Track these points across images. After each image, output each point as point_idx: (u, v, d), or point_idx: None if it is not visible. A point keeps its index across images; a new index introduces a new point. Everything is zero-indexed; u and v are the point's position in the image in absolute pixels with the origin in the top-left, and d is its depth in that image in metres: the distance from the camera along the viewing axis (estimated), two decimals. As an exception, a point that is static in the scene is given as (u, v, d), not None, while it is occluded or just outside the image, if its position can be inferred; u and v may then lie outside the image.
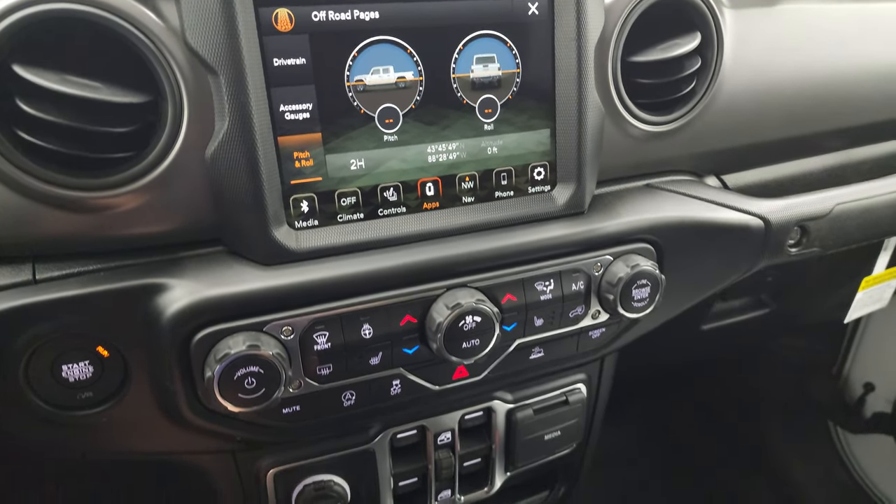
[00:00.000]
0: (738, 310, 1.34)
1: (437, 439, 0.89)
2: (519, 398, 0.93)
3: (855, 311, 1.33)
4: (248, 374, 0.64)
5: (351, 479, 0.85)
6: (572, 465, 1.07)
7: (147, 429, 0.71)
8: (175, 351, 0.65)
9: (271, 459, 0.81)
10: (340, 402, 0.74)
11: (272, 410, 0.71)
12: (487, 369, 0.81)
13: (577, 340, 0.85)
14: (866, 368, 1.85)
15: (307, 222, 0.70)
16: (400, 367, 0.75)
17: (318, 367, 0.70)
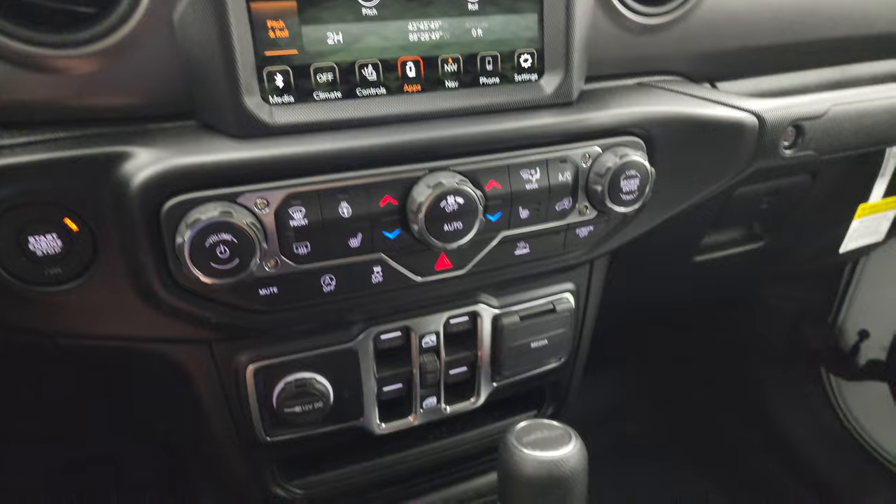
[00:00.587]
0: (731, 242, 1.32)
1: (422, 342, 0.88)
2: (505, 304, 0.91)
3: (850, 241, 1.32)
4: (220, 241, 0.62)
5: (333, 379, 0.84)
6: (560, 382, 1.06)
7: (119, 309, 0.70)
8: (144, 220, 0.63)
9: (250, 354, 0.80)
10: (320, 286, 0.72)
11: (248, 291, 0.69)
12: (471, 263, 0.79)
13: (564, 237, 0.83)
14: (861, 316, 1.83)
15: (282, 98, 0.68)
16: (381, 253, 0.73)
17: (295, 245, 0.68)
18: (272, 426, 0.84)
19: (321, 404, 0.82)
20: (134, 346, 0.77)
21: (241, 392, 0.81)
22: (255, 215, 0.65)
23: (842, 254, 1.38)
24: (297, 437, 0.86)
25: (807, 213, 1.28)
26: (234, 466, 0.90)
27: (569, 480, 0.74)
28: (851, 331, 1.84)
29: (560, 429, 0.79)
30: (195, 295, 0.68)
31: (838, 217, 1.31)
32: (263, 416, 0.83)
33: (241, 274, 0.65)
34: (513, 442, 0.77)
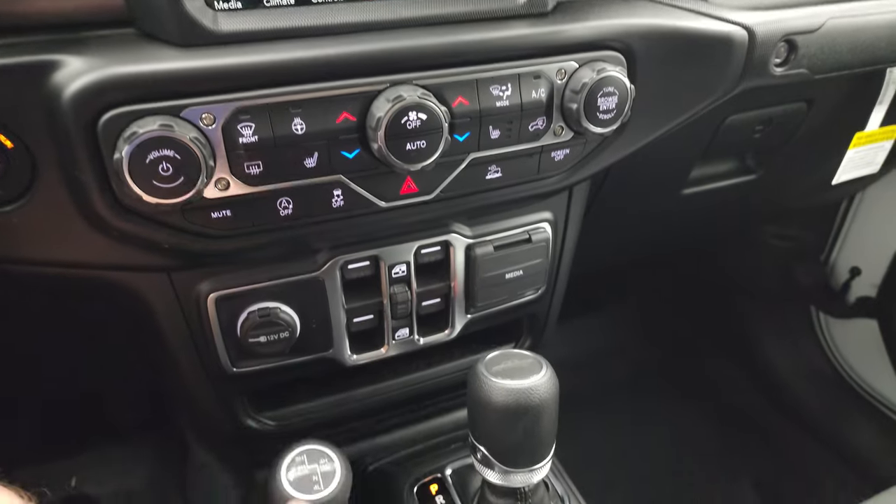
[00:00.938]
0: (722, 175, 1.27)
1: (392, 272, 0.85)
2: (479, 234, 0.87)
3: (844, 172, 1.28)
4: (162, 157, 0.58)
5: (300, 309, 0.81)
6: (538, 315, 1.04)
7: (65, 234, 0.66)
8: (81, 133, 0.59)
9: (211, 283, 0.77)
10: (276, 210, 0.69)
11: (199, 213, 0.66)
12: (439, 187, 0.75)
13: (539, 160, 0.78)
14: (853, 253, 1.81)
15: (228, 3, 0.63)
16: (340, 175, 0.69)
17: (247, 165, 0.64)
18: (238, 357, 0.82)
19: (287, 335, 0.80)
20: (89, 273, 0.74)
21: (203, 322, 0.78)
22: (200, 130, 0.61)
23: (835, 186, 1.34)
24: (264, 369, 0.84)
25: (801, 144, 1.24)
26: (203, 399, 0.89)
27: (538, 409, 0.72)
28: (843, 268, 1.82)
29: (530, 357, 0.77)
30: (142, 217, 0.65)
31: (833, 147, 1.26)
32: (228, 347, 0.81)
33: (187, 194, 0.61)
34: (482, 371, 0.75)
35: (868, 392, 1.78)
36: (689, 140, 1.07)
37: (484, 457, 0.77)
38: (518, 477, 0.76)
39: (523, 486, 0.78)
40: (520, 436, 0.73)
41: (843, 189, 1.44)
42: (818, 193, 1.45)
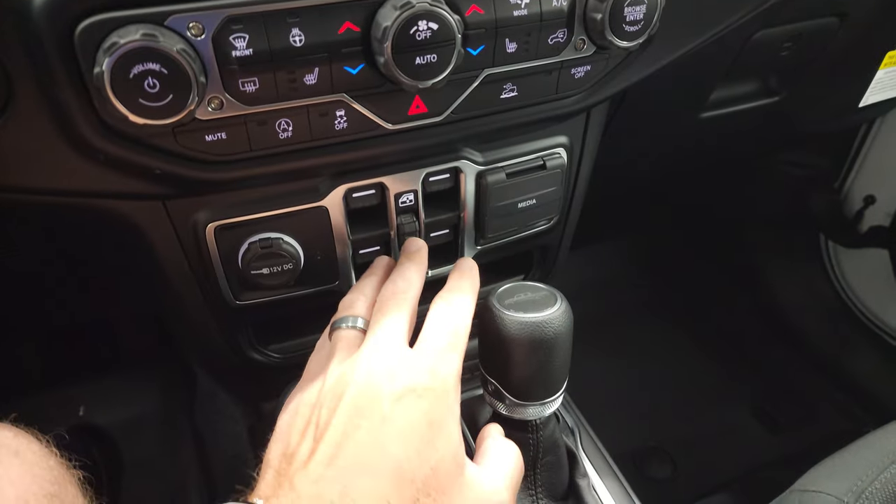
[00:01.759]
0: (744, 97, 1.21)
1: (399, 201, 0.80)
2: (490, 160, 0.82)
3: (872, 94, 1.21)
4: (147, 72, 0.53)
5: (303, 240, 0.77)
6: (549, 246, 1.00)
7: (50, 159, 0.61)
8: (56, 44, 0.53)
9: (210, 213, 0.72)
10: (275, 132, 0.63)
11: (192, 135, 0.61)
12: (451, 107, 0.70)
13: (558, 78, 0.72)
14: (868, 181, 1.76)
15: None
16: (343, 93, 0.63)
17: (241, 82, 0.58)
18: (240, 289, 0.79)
19: (290, 266, 0.76)
20: (79, 202, 0.69)
21: (202, 253, 0.74)
22: (187, 42, 0.55)
23: (861, 109, 1.27)
24: (268, 301, 0.81)
25: (828, 63, 1.17)
26: (207, 331, 0.86)
27: (552, 342, 0.70)
28: (857, 196, 1.78)
29: (545, 290, 0.74)
30: (130, 140, 0.60)
31: (863, 67, 1.19)
32: (230, 279, 0.77)
33: (178, 114, 0.56)
34: (494, 304, 0.72)
35: (874, 322, 1.77)
36: (714, 58, 1.00)
37: (496, 390, 0.75)
38: (530, 410, 0.75)
39: (535, 419, 0.77)
40: (533, 369, 0.71)
41: (868, 112, 1.37)
42: (841, 117, 1.39)
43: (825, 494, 0.89)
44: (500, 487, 0.61)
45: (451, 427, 0.59)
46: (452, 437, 0.58)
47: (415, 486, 0.54)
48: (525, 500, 0.81)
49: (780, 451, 1.68)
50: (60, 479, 0.58)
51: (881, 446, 0.95)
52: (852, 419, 1.73)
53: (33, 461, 0.57)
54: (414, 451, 0.55)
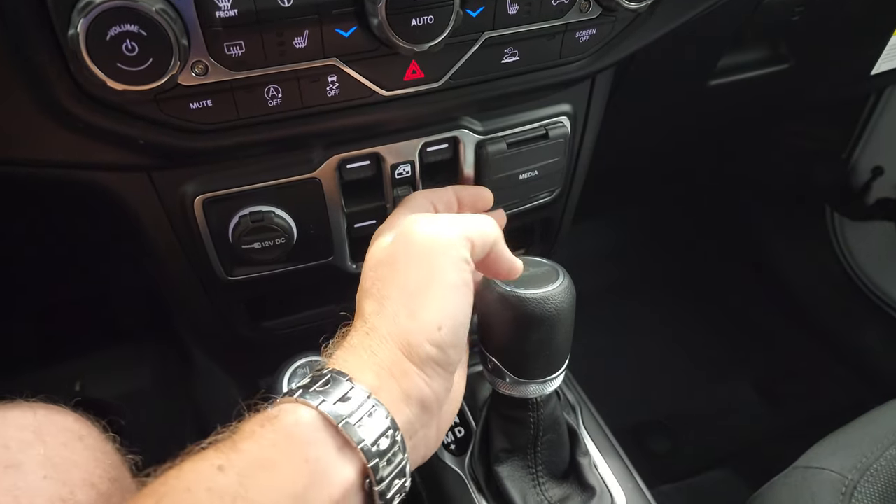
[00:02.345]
0: (753, 64, 1.17)
1: (395, 173, 0.77)
2: (491, 129, 0.79)
3: (885, 61, 1.17)
4: (125, 34, 0.49)
5: (296, 213, 0.74)
6: (551, 219, 0.97)
7: (28, 128, 0.58)
8: (28, 5, 0.49)
9: (197, 184, 0.69)
10: (263, 99, 0.60)
11: (176, 103, 0.58)
12: (449, 73, 0.66)
13: (562, 42, 0.69)
14: (877, 152, 1.72)
15: None
16: (335, 58, 0.60)
17: (227, 45, 0.55)
18: (232, 264, 0.76)
19: (283, 240, 0.73)
20: (62, 174, 0.66)
21: (191, 227, 0.72)
22: (168, 1, 0.51)
23: (872, 77, 1.23)
24: (261, 276, 0.79)
25: (840, 29, 1.12)
26: (199, 307, 0.84)
27: (554, 319, 0.67)
28: (865, 168, 1.74)
29: (547, 265, 0.71)
30: (111, 107, 0.57)
31: (875, 33, 1.15)
32: (221, 254, 0.75)
33: (159, 80, 0.52)
34: (494, 280, 0.69)
35: (879, 296, 1.75)
36: (723, 22, 0.96)
37: (495, 367, 0.73)
38: (531, 388, 0.73)
39: (536, 397, 0.75)
40: (534, 347, 0.69)
41: (880, 80, 1.33)
42: (852, 85, 1.35)
43: (829, 471, 0.88)
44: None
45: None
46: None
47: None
48: (525, 478, 0.79)
49: (781, 426, 1.68)
50: (119, 464, 0.60)
51: (886, 423, 0.94)
52: (855, 394, 1.72)
53: (95, 446, 0.59)
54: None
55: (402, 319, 0.53)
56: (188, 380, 1.53)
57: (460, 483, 0.82)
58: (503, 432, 0.78)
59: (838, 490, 0.85)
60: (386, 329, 0.53)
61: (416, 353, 0.52)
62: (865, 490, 0.84)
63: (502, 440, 0.78)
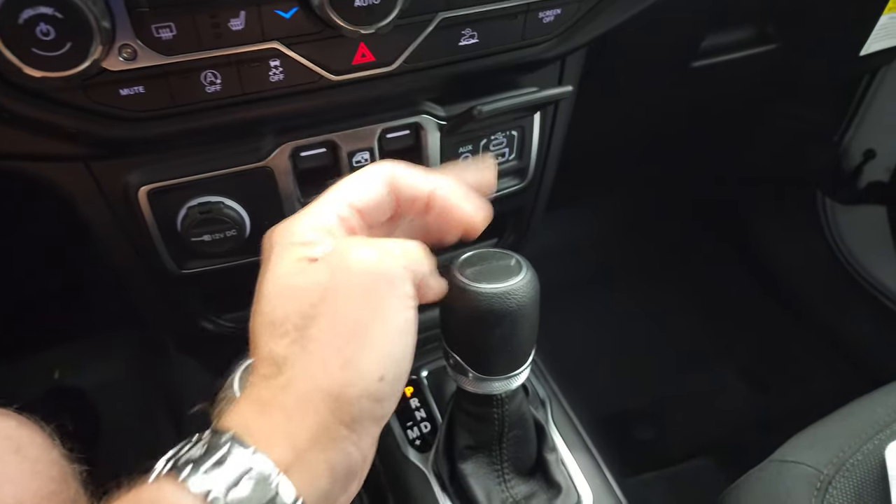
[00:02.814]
0: (738, 45, 1.13)
1: (353, 161, 0.74)
2: (455, 115, 0.75)
3: (874, 41, 1.13)
4: (38, 17, 0.46)
5: (248, 204, 0.71)
6: (523, 209, 0.94)
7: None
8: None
9: (141, 175, 0.66)
10: (200, 84, 0.57)
11: (104, 89, 0.54)
12: (402, 56, 0.63)
13: (524, 23, 0.65)
14: (869, 134, 1.68)
15: None
16: (276, 41, 0.56)
17: (155, 27, 0.51)
18: (183, 257, 0.74)
19: (234, 232, 0.70)
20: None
21: (137, 219, 0.68)
22: (84, -20, 0.48)
23: (862, 58, 1.19)
24: (216, 269, 0.76)
25: (829, 8, 1.08)
26: (153, 300, 0.81)
27: (515, 315, 0.64)
28: (857, 151, 1.70)
29: (509, 257, 0.68)
30: (34, 95, 0.53)
31: (865, 12, 1.11)
32: (170, 247, 0.72)
33: (79, 65, 0.49)
34: (454, 273, 0.66)
35: (869, 282, 1.72)
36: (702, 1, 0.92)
37: (457, 363, 0.70)
38: (494, 384, 0.70)
39: (500, 393, 0.72)
40: (496, 343, 0.66)
41: (870, 62, 1.29)
42: (842, 66, 1.31)
43: (805, 465, 0.86)
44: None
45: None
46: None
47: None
48: (490, 475, 0.77)
49: (768, 412, 1.66)
50: (62, 476, 0.56)
51: (866, 416, 0.91)
52: (843, 381, 1.70)
53: (35, 457, 0.55)
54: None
55: (333, 369, 0.42)
56: (163, 369, 1.51)
57: (424, 480, 0.80)
58: (467, 429, 0.76)
59: (813, 485, 0.83)
60: (310, 382, 0.42)
61: (349, 410, 0.42)
62: (840, 486, 0.82)
63: (466, 437, 0.76)
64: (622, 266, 1.92)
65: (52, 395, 1.61)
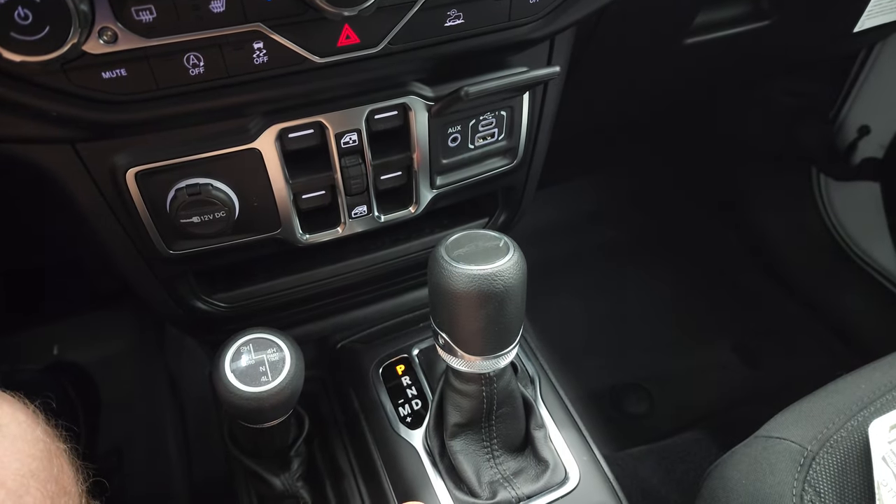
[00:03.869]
0: (731, 21, 1.11)
1: (341, 142, 0.73)
2: (443, 96, 0.75)
3: (869, 18, 1.12)
4: (16, 1, 0.45)
5: (237, 185, 0.71)
6: (514, 188, 0.94)
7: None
8: None
9: (128, 156, 0.66)
10: (183, 67, 0.56)
11: (87, 73, 0.54)
12: (386, 37, 0.62)
13: (510, 3, 0.65)
14: (864, 111, 1.68)
15: None
16: (258, 23, 0.56)
17: (135, 10, 0.51)
18: (173, 238, 0.74)
19: (223, 214, 0.70)
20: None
21: (125, 201, 0.69)
22: (60, -38, 0.47)
23: (856, 34, 1.18)
24: (206, 250, 0.76)
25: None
26: (145, 281, 0.82)
27: (502, 295, 0.65)
28: (851, 127, 1.70)
29: (496, 238, 0.68)
30: (15, 79, 0.53)
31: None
32: (160, 228, 0.72)
33: (58, 49, 0.49)
34: (442, 254, 0.67)
35: (862, 258, 1.73)
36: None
37: (446, 343, 0.71)
38: (483, 363, 0.71)
39: (488, 372, 0.73)
40: (483, 323, 0.67)
41: (865, 38, 1.28)
42: (836, 43, 1.30)
43: (789, 442, 0.87)
44: None
45: None
46: None
47: None
48: (479, 452, 0.79)
49: (760, 387, 1.68)
50: (45, 454, 0.55)
51: (850, 392, 0.93)
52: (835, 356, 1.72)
53: (17, 435, 0.54)
54: None
55: None
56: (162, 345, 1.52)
57: (415, 457, 0.81)
58: (456, 407, 0.77)
59: (797, 461, 0.85)
60: None
61: None
62: (824, 461, 0.84)
63: (455, 415, 0.77)
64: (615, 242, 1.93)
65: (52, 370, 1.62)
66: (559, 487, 0.78)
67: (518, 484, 0.77)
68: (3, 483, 0.49)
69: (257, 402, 0.68)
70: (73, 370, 1.62)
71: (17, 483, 0.50)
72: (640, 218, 1.98)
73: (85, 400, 1.56)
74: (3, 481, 0.49)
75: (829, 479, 0.83)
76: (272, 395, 0.68)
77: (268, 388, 0.68)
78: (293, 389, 0.70)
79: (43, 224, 1.33)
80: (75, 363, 1.62)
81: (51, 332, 1.63)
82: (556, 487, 0.78)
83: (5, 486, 0.49)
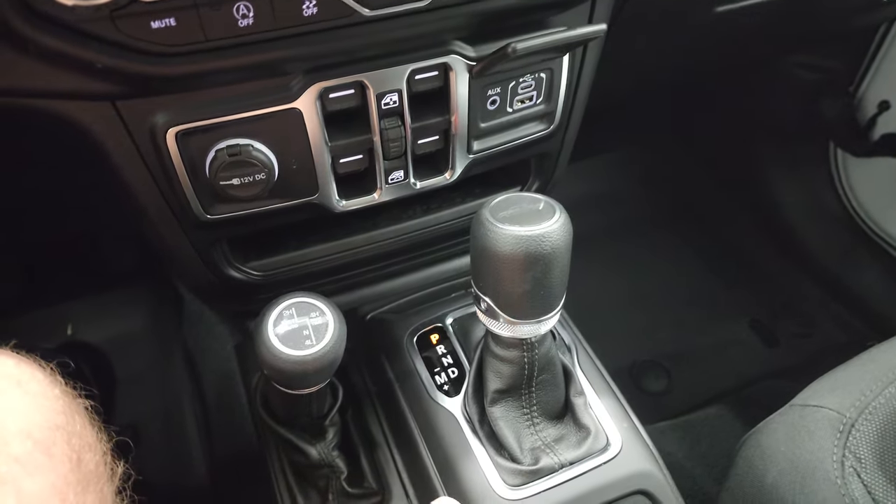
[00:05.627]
0: (761, -11, 1.10)
1: (382, 103, 0.72)
2: (483, 56, 0.73)
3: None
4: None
5: (276, 146, 0.70)
6: (549, 154, 0.93)
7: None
8: None
9: (169, 115, 0.64)
10: (233, 18, 0.55)
11: (136, 21, 0.52)
12: (437, -14, 0.61)
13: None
14: (885, 86, 1.66)
15: None
16: (311, -30, 0.55)
17: (187, -46, 0.50)
18: (210, 202, 0.72)
19: (263, 176, 0.69)
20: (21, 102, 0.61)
21: (164, 161, 0.67)
22: None
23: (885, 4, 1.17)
24: (242, 215, 0.75)
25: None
26: (179, 248, 0.81)
27: (549, 258, 0.64)
28: (871, 102, 1.68)
29: (541, 201, 0.67)
30: (63, 27, 0.51)
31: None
32: (198, 190, 0.71)
33: (106, -5, 0.47)
34: (487, 216, 0.66)
35: (879, 234, 1.72)
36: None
37: (489, 308, 0.70)
38: (525, 328, 0.71)
39: (530, 337, 0.73)
40: (529, 286, 0.66)
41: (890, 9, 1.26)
42: (865, 13, 1.28)
43: (827, 409, 0.87)
44: None
45: None
46: None
47: None
48: (520, 418, 0.78)
49: (778, 363, 1.68)
50: (66, 409, 0.55)
51: (886, 361, 0.92)
52: (853, 333, 1.72)
53: (37, 391, 0.54)
54: None
55: None
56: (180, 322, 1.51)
57: (454, 424, 0.81)
58: (497, 373, 0.76)
59: (836, 428, 0.84)
60: None
61: None
62: (863, 428, 0.83)
63: (496, 381, 0.77)
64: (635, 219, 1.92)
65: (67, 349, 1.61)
66: (601, 454, 0.77)
67: (560, 450, 0.77)
68: (29, 434, 0.48)
69: (301, 366, 0.67)
70: (88, 348, 1.61)
71: (44, 434, 0.49)
72: (657, 195, 1.97)
73: (99, 377, 1.56)
74: (29, 432, 0.48)
75: (869, 446, 0.82)
76: (316, 360, 0.67)
77: (312, 352, 0.67)
78: (336, 354, 0.69)
79: (63, 195, 1.31)
80: (89, 342, 1.61)
81: (65, 310, 1.61)
82: (599, 454, 0.77)
83: (32, 436, 0.48)
